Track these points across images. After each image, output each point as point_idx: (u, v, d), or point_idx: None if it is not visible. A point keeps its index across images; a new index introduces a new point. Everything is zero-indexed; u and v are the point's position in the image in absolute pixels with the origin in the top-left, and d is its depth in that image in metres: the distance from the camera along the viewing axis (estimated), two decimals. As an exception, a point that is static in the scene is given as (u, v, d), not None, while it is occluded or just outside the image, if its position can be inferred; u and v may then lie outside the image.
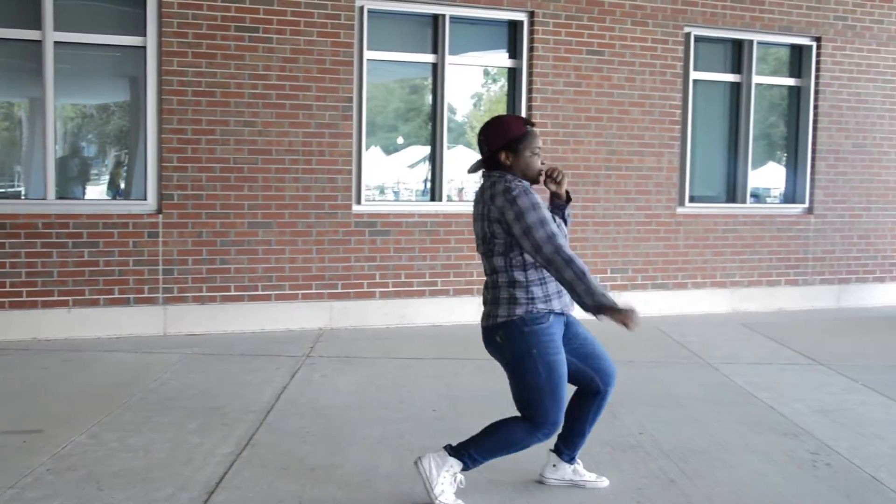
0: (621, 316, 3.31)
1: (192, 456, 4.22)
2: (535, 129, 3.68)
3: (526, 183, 3.59)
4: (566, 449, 3.94)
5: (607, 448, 4.47)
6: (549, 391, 3.52)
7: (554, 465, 3.98)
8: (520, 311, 3.51)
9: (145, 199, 7.17)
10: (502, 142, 3.60)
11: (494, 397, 5.40)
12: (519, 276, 3.53)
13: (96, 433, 4.55)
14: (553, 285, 3.56)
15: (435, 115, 8.02)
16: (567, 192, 3.83)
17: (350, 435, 4.61)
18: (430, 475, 3.61)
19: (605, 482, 3.96)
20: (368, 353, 6.64)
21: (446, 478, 3.62)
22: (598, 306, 3.33)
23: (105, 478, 3.90)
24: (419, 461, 3.64)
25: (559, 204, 3.83)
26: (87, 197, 7.43)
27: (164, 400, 5.23)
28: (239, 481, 3.90)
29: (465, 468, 3.68)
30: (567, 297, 3.57)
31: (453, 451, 3.66)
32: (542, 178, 3.69)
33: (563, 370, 3.56)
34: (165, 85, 7.09)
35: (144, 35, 7.09)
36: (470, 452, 3.65)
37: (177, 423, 4.76)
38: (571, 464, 3.96)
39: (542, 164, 3.66)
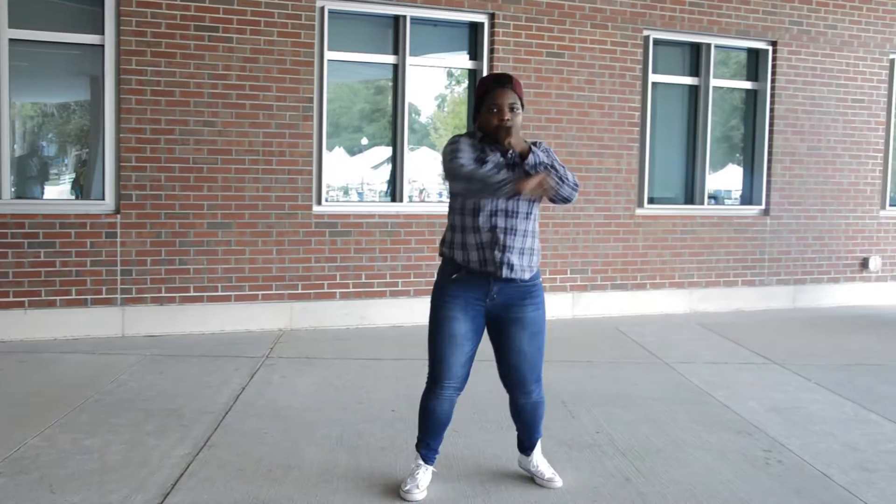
0: (533, 182, 3.37)
1: (149, 457, 4.20)
2: (504, 85, 3.61)
3: (466, 137, 3.70)
4: (518, 442, 4.11)
5: (564, 447, 4.51)
6: (430, 342, 3.75)
7: (520, 455, 4.14)
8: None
9: (103, 199, 7.11)
10: (475, 104, 3.72)
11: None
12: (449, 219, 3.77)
13: (50, 435, 4.51)
14: (458, 237, 3.69)
15: (396, 115, 8.03)
16: (527, 149, 3.53)
17: (308, 435, 4.61)
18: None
19: (558, 483, 3.98)
20: (328, 354, 6.64)
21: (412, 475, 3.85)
22: (510, 186, 3.41)
23: (58, 480, 3.86)
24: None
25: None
26: (44, 197, 7.35)
27: (120, 401, 5.19)
28: (195, 483, 3.88)
29: (427, 459, 3.88)
30: (478, 257, 3.64)
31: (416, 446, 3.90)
32: (504, 135, 3.52)
33: (448, 327, 3.67)
34: (124, 84, 7.03)
35: (102, 33, 7.03)
36: (417, 443, 3.91)
37: (133, 425, 4.73)
38: (526, 455, 4.07)
39: (503, 120, 3.55)
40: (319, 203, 7.67)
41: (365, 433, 4.68)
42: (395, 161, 8.06)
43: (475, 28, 8.19)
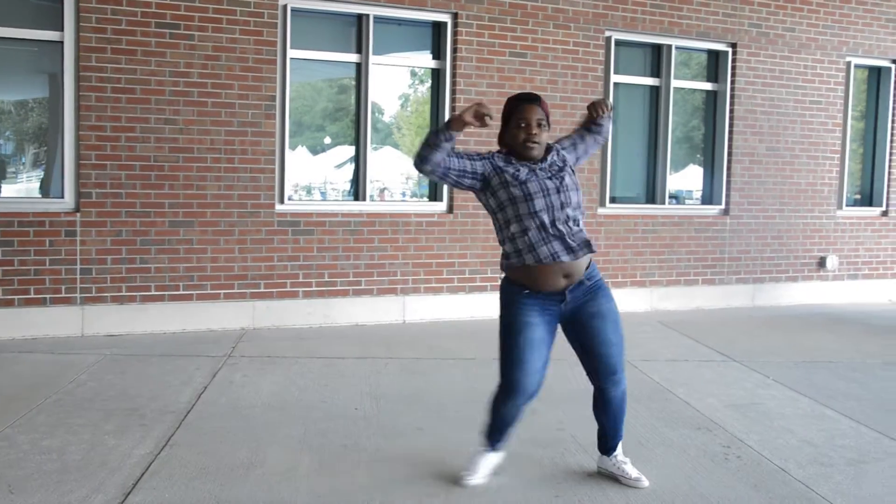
0: (464, 114, 3.56)
1: (109, 457, 4.17)
2: (531, 102, 3.77)
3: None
4: (598, 442, 4.16)
5: (527, 444, 4.53)
6: (505, 351, 3.79)
7: (599, 457, 4.20)
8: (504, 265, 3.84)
9: (62, 197, 7.03)
10: (502, 121, 3.87)
11: (417, 396, 5.46)
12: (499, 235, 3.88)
13: (9, 435, 4.45)
14: (521, 241, 3.70)
15: (359, 114, 8.02)
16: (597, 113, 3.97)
17: (271, 435, 4.60)
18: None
19: (645, 483, 4.01)
20: (291, 353, 6.61)
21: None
22: (443, 129, 3.58)
23: (17, 481, 3.82)
24: None
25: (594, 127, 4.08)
26: (1, 195, 7.24)
27: (80, 401, 5.14)
28: (156, 482, 3.86)
29: (494, 449, 4.04)
30: (545, 252, 3.68)
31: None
32: (531, 152, 3.74)
33: (525, 334, 3.73)
34: (84, 81, 6.96)
35: (62, 30, 6.95)
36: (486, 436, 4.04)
37: (93, 425, 4.68)
38: (608, 455, 4.13)
39: (531, 134, 3.72)
40: (282, 202, 7.64)
41: (328, 432, 4.68)
42: (359, 160, 8.05)
43: (438, 27, 8.20)
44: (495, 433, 4.02)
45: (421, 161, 3.61)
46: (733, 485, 4.04)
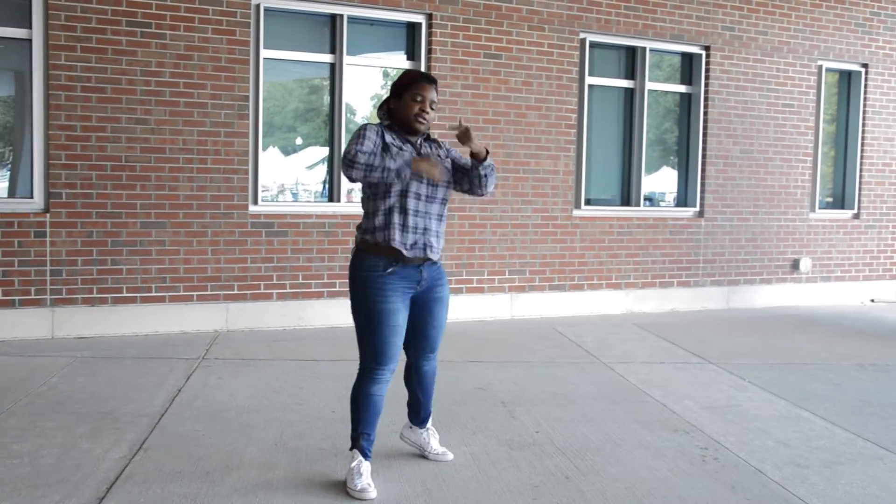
0: (422, 167, 3.64)
1: (82, 461, 4.09)
2: (430, 82, 3.86)
3: (374, 126, 3.82)
4: (409, 411, 4.35)
5: (504, 447, 4.50)
6: (368, 332, 3.83)
7: (410, 427, 4.37)
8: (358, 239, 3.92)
9: (31, 198, 6.92)
10: (392, 91, 3.89)
11: (392, 397, 5.40)
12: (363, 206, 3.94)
13: (-22, 440, 4.37)
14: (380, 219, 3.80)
15: (333, 115, 7.97)
16: (485, 151, 3.89)
17: (247, 437, 4.54)
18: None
19: (449, 456, 4.27)
20: (265, 355, 6.55)
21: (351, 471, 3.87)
22: (404, 170, 3.63)
23: (-13, 486, 3.75)
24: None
25: (475, 164, 3.92)
26: (-32, 195, 7.14)
27: (51, 404, 5.05)
28: (131, 486, 3.79)
29: (367, 453, 3.89)
30: (412, 242, 3.81)
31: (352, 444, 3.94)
32: (419, 126, 3.84)
33: (383, 316, 3.79)
34: (53, 80, 6.85)
35: (30, 27, 6.84)
36: (354, 434, 3.93)
37: (65, 428, 4.60)
38: (421, 427, 4.32)
39: (424, 112, 3.82)
40: (255, 203, 7.57)
41: (305, 434, 4.62)
42: (332, 161, 8.00)
43: (413, 28, 8.16)
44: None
45: (351, 168, 3.59)
46: (711, 486, 4.03)
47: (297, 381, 5.77)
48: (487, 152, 3.89)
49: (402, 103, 3.84)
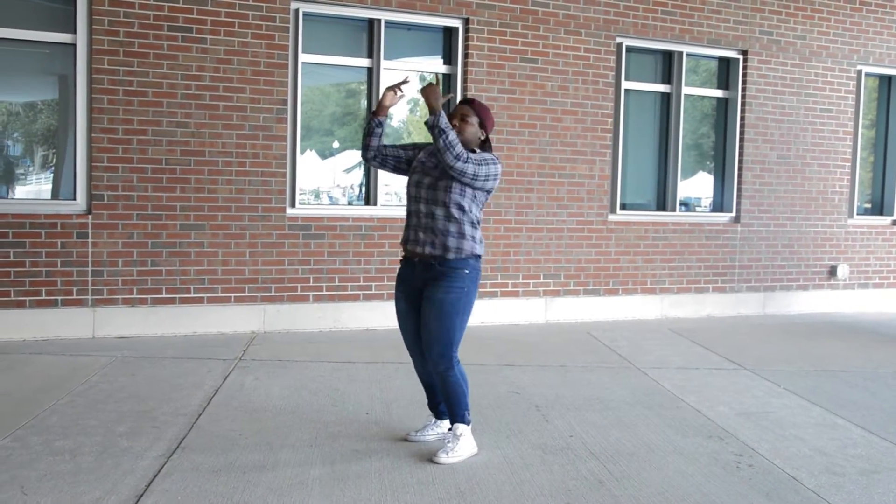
0: (382, 100, 4.38)
1: (122, 459, 4.17)
2: (462, 103, 4.52)
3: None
4: (429, 402, 4.73)
5: (538, 451, 4.53)
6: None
7: (434, 420, 4.70)
8: None
9: (74, 200, 7.05)
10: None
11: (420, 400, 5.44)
12: None
13: (21, 436, 4.46)
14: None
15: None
16: (437, 110, 4.18)
17: (283, 438, 4.60)
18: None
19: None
20: (301, 357, 6.61)
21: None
22: (371, 116, 4.43)
23: (30, 482, 3.82)
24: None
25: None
26: (13, 196, 7.27)
27: (92, 403, 5.14)
28: (169, 484, 3.86)
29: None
30: (412, 240, 4.31)
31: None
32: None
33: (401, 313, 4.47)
34: (96, 83, 6.98)
35: (74, 32, 6.97)
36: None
37: (105, 426, 4.69)
38: (440, 419, 4.67)
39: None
40: (293, 206, 7.65)
41: (340, 436, 4.67)
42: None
43: (449, 33, 8.21)
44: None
45: (363, 149, 4.44)
46: (745, 493, 4.02)
47: (332, 383, 5.83)
48: (438, 113, 4.09)
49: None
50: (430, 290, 4.24)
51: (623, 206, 9.04)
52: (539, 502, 3.83)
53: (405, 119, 8.60)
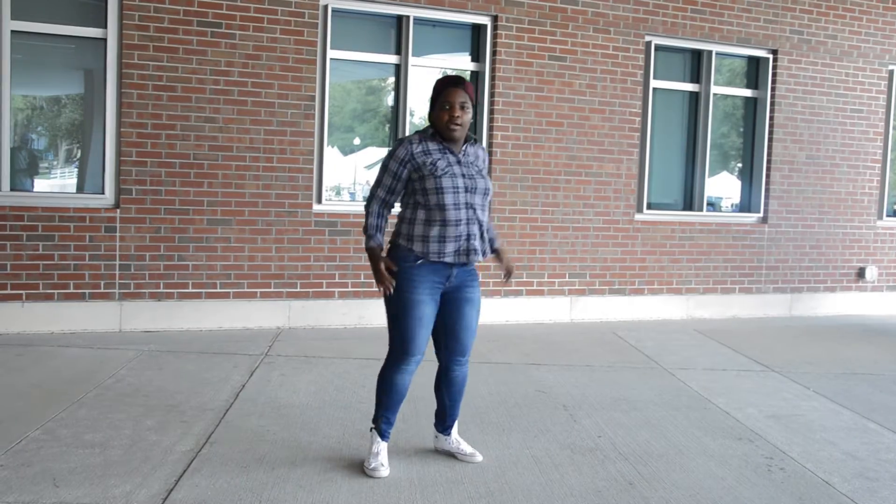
0: (382, 281, 4.05)
1: (151, 453, 4.18)
2: (455, 86, 3.94)
3: (410, 139, 4.02)
4: (436, 420, 4.42)
5: (567, 451, 4.50)
6: (399, 323, 4.08)
7: (436, 437, 4.43)
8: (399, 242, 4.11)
9: (103, 194, 7.08)
10: (430, 102, 4.06)
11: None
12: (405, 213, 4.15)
13: (52, 429, 4.48)
14: (424, 229, 4.00)
15: (397, 115, 8.02)
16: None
17: (310, 434, 4.60)
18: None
19: (479, 457, 4.29)
20: (327, 353, 6.62)
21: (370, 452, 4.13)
22: (368, 249, 4.17)
23: (61, 474, 3.84)
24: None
25: (496, 253, 4.30)
26: (43, 189, 7.31)
27: (120, 396, 5.16)
28: (199, 478, 3.86)
29: (385, 435, 4.17)
30: (452, 247, 3.96)
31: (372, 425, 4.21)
32: (453, 133, 3.94)
33: (418, 311, 4.00)
34: (125, 78, 7.00)
35: (105, 27, 7.00)
36: (376, 415, 4.19)
37: (134, 420, 4.70)
38: (446, 435, 4.38)
39: (454, 116, 3.92)
40: (319, 202, 7.65)
41: (366, 433, 4.65)
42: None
43: (478, 30, 8.18)
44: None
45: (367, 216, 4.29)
46: (778, 497, 3.98)
47: (358, 380, 5.82)
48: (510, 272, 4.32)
49: (435, 114, 3.97)
50: (466, 291, 4.12)
51: (650, 206, 8.99)
52: (570, 503, 3.81)
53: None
